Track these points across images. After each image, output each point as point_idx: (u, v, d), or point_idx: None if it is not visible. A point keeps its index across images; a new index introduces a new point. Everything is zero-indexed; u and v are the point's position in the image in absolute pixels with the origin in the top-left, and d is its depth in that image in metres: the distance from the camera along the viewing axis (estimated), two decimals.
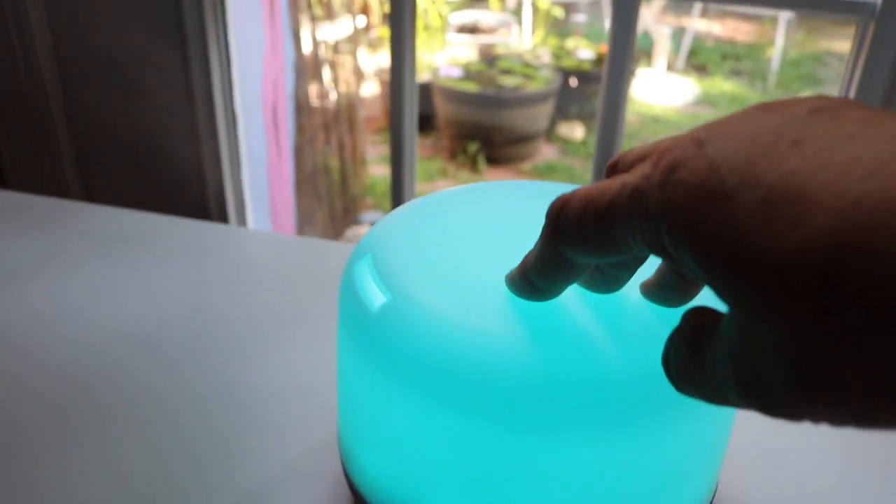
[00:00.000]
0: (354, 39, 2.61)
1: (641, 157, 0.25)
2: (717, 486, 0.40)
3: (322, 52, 2.33)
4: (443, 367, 0.31)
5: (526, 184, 0.44)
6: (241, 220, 0.99)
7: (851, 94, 0.79)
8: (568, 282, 0.30)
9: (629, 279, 0.32)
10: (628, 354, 0.32)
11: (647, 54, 4.34)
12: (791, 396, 0.20)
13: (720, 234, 0.20)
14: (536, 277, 0.30)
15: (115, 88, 0.98)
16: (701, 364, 0.23)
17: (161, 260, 0.67)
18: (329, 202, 2.50)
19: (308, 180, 2.26)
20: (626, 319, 0.33)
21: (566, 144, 3.63)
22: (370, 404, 0.35)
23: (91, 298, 0.61)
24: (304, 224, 2.29)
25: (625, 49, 0.88)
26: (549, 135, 3.64)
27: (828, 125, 0.21)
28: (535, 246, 0.30)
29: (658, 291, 0.32)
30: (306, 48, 2.21)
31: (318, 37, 2.30)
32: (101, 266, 0.66)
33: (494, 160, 3.44)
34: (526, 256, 0.31)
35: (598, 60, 3.74)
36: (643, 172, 0.23)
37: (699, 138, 0.22)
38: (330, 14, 2.40)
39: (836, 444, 0.49)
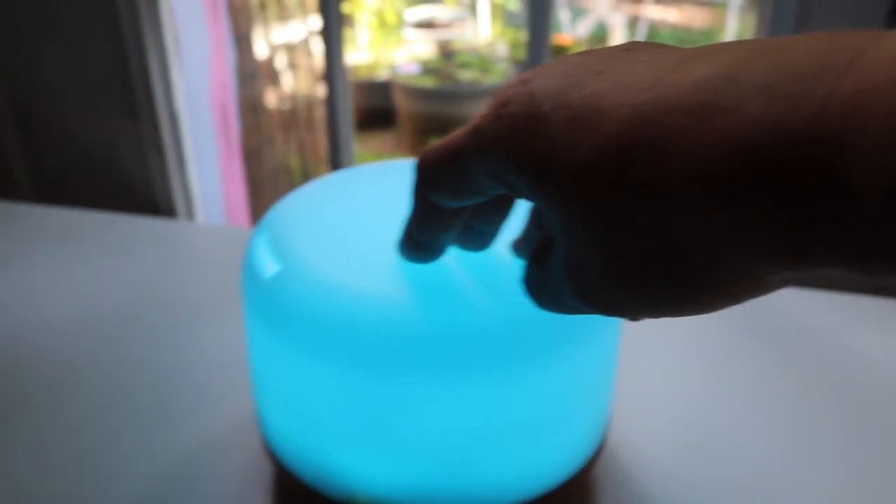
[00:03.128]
0: (310, 40, 2.63)
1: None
2: (607, 429, 0.44)
3: (277, 53, 2.35)
4: (330, 325, 0.35)
5: None
6: (190, 217, 1.02)
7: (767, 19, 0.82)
8: (445, 231, 0.32)
9: (496, 235, 0.36)
10: (499, 304, 0.35)
11: (602, 43, 4.39)
12: (607, 285, 0.23)
13: (537, 150, 0.23)
14: (417, 232, 0.33)
15: (57, 93, 1.01)
16: (546, 276, 0.27)
17: (105, 254, 0.70)
18: None
19: (269, 180, 2.28)
20: (497, 274, 0.37)
21: None
22: (269, 367, 0.39)
23: (39, 291, 0.64)
24: None
25: (541, 38, 0.92)
26: None
27: (628, 57, 0.24)
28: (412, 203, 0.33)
29: (525, 248, 0.36)
30: (261, 51, 2.23)
31: (273, 39, 2.32)
32: (50, 262, 0.69)
33: None
34: (408, 216, 0.34)
35: (555, 51, 3.79)
36: (483, 113, 0.26)
37: (526, 78, 0.26)
38: (284, 16, 2.42)
39: (721, 383, 0.54)
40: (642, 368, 0.55)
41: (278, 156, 2.38)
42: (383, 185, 0.44)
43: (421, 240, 0.33)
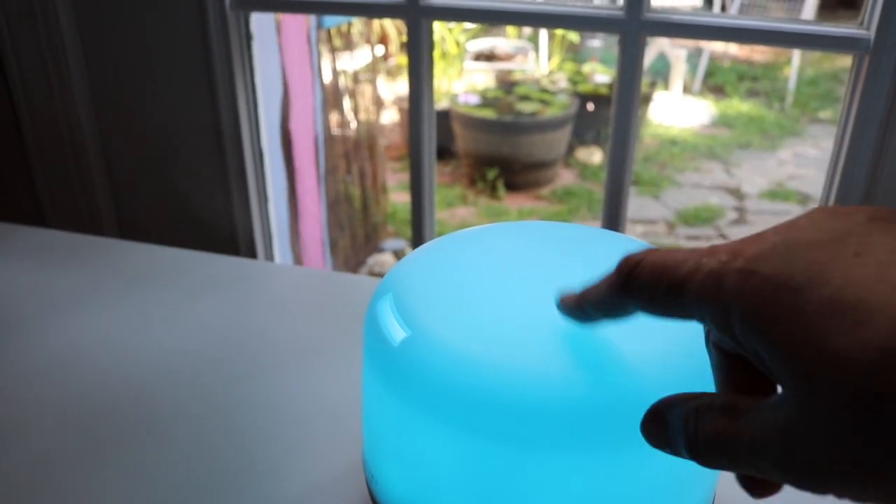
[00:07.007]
0: (373, 68, 2.66)
1: (709, 252, 0.27)
2: (714, 497, 0.43)
3: (342, 82, 2.38)
4: (456, 394, 0.35)
5: (539, 224, 0.47)
6: (269, 255, 1.03)
7: (850, 126, 0.82)
8: (617, 317, 0.31)
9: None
10: (627, 379, 0.35)
11: (664, 77, 4.37)
12: (827, 475, 0.22)
13: (788, 322, 0.23)
14: (593, 311, 0.32)
15: (147, 132, 1.03)
16: (738, 431, 0.25)
17: (191, 293, 0.71)
18: (351, 230, 2.54)
19: (330, 209, 2.30)
20: (627, 348, 0.36)
21: (584, 169, 3.66)
22: (393, 429, 0.38)
23: (124, 329, 0.65)
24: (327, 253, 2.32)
25: (632, 79, 0.91)
26: (568, 160, 3.67)
27: (885, 239, 0.23)
28: (600, 285, 0.31)
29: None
30: (326, 79, 2.26)
31: (338, 67, 2.35)
32: (134, 299, 0.70)
33: (513, 186, 3.47)
34: (587, 289, 0.33)
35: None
36: (720, 259, 0.25)
37: (774, 239, 0.25)
38: (349, 45, 2.45)
39: None
40: None
41: (340, 185, 2.40)
42: (500, 247, 0.44)
43: (591, 314, 0.32)
